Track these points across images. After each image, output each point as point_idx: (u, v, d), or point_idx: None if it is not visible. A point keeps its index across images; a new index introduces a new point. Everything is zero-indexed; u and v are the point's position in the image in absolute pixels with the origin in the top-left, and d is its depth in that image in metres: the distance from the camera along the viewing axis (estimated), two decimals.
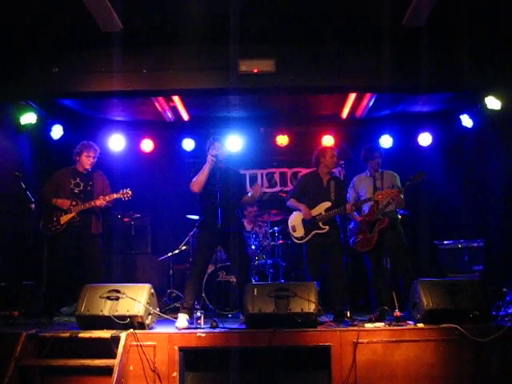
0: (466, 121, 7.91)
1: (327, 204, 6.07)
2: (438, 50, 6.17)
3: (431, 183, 8.33)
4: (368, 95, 7.60)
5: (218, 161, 5.58)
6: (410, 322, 5.00)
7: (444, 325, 4.69)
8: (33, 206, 6.19)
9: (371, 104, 7.82)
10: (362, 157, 6.42)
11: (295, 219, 6.26)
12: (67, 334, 4.70)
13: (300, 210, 6.19)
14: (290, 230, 6.28)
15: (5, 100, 6.61)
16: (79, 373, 4.56)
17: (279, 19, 5.81)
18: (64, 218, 6.08)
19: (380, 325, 4.86)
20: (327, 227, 6.00)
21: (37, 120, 7.44)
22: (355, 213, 6.27)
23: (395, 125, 8.76)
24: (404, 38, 5.97)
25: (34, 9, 5.41)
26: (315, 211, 6.08)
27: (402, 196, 6.11)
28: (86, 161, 6.29)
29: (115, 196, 6.21)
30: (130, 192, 6.22)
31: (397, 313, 5.00)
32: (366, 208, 6.25)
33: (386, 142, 8.67)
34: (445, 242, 7.57)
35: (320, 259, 6.04)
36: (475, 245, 7.30)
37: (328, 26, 5.90)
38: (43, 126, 7.86)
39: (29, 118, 7.35)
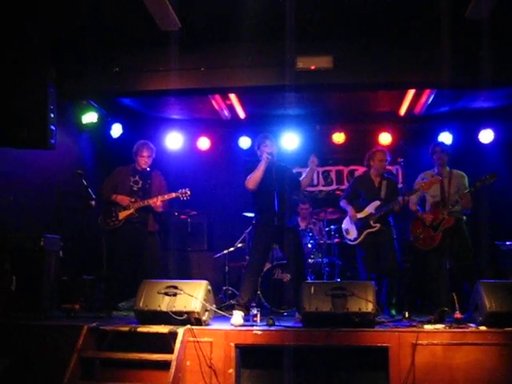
0: None
1: (377, 203, 6.17)
2: (501, 42, 5.94)
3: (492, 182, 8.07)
4: (427, 91, 7.41)
5: (273, 159, 5.59)
6: (471, 324, 4.84)
7: (508, 328, 4.53)
8: (93, 202, 6.32)
9: (430, 100, 7.63)
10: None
11: (347, 222, 6.44)
12: (126, 328, 4.80)
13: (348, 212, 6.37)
14: (344, 234, 6.49)
15: (67, 99, 6.76)
16: (137, 366, 4.66)
17: (337, 15, 5.73)
18: (122, 214, 6.22)
19: (440, 326, 4.73)
20: (378, 225, 6.08)
21: (97, 119, 7.63)
22: (419, 210, 6.25)
23: (455, 121, 8.50)
24: (465, 31, 5.77)
25: (93, 9, 5.52)
26: (366, 211, 6.20)
27: (470, 197, 6.00)
28: (141, 160, 6.44)
29: (174, 195, 6.30)
30: (188, 192, 6.29)
31: (457, 314, 4.87)
32: (430, 205, 6.21)
33: (445, 139, 8.41)
34: (507, 243, 7.31)
35: (374, 258, 6.13)
36: None
37: (386, 20, 5.78)
38: (103, 124, 8.05)
39: (90, 117, 7.55)
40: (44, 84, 5.22)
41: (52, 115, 5.27)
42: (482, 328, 4.66)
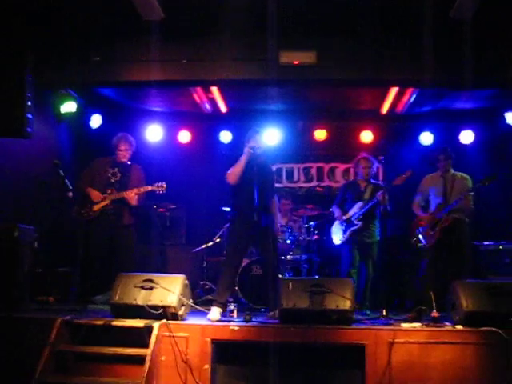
0: (511, 118, 7.68)
1: (360, 204, 6.39)
2: (484, 44, 5.98)
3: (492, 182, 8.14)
4: (409, 90, 7.43)
5: (255, 153, 5.51)
6: (447, 323, 4.86)
7: (483, 328, 4.53)
8: (70, 193, 6.24)
9: (412, 99, 7.65)
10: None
11: (335, 226, 6.67)
12: (101, 322, 4.73)
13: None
14: (333, 238, 6.67)
15: (45, 88, 6.63)
16: (112, 361, 4.59)
17: (321, 11, 5.72)
18: (97, 205, 6.17)
19: (417, 325, 4.73)
20: (360, 222, 6.29)
21: (76, 109, 7.50)
22: (420, 211, 6.48)
23: (436, 121, 8.55)
24: (448, 30, 5.81)
25: None
26: (350, 212, 6.43)
27: (470, 199, 6.21)
28: (119, 153, 6.39)
29: (150, 188, 6.23)
30: (164, 185, 6.22)
31: (434, 313, 4.88)
32: (433, 206, 6.40)
33: (426, 138, 8.48)
34: (485, 243, 7.35)
35: (356, 257, 6.35)
36: None
37: (371, 17, 5.76)
38: (82, 115, 7.92)
39: (69, 107, 7.42)
40: (21, 71, 5.10)
41: (29, 103, 5.14)
42: (459, 327, 4.67)
